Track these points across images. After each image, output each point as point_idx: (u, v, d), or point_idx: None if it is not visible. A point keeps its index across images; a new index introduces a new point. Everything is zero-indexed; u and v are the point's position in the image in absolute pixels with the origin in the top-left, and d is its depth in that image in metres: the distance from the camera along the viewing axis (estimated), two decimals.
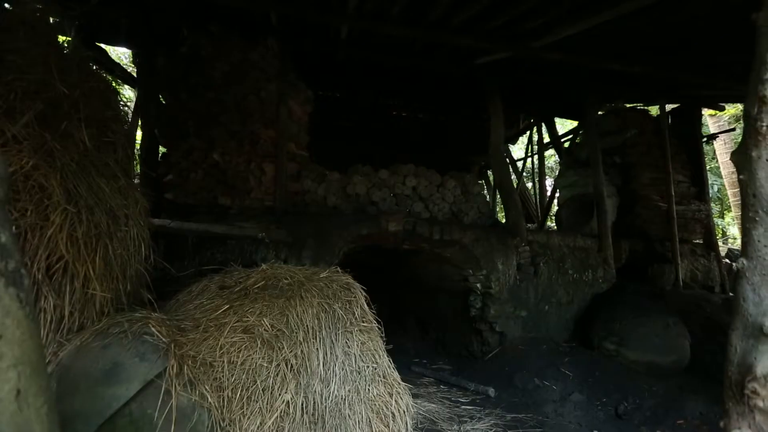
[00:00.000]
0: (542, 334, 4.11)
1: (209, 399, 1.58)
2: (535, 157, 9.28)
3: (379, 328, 2.45)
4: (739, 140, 1.21)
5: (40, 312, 1.56)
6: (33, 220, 1.56)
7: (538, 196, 9.19)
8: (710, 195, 10.38)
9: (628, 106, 6.15)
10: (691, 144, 5.58)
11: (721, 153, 8.27)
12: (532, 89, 5.48)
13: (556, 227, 6.72)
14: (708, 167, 10.33)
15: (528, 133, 9.02)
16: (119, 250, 1.92)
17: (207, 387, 1.60)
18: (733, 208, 8.36)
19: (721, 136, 8.16)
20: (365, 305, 2.40)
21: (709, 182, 10.16)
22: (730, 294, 6.18)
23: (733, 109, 7.32)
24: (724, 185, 9.32)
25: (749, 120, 1.17)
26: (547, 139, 8.31)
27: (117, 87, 7.68)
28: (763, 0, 1.14)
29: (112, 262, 1.87)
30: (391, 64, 4.58)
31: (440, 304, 5.32)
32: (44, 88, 1.78)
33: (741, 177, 1.21)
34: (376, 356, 2.25)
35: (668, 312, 3.69)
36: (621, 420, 2.98)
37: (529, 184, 10.46)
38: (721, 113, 7.62)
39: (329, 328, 2.07)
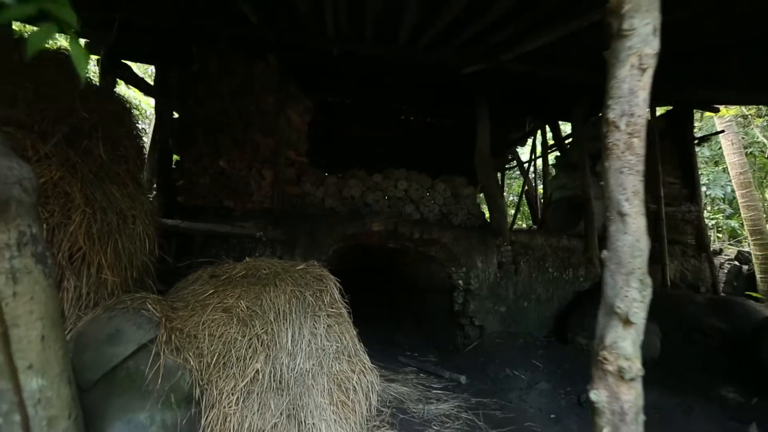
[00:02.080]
0: (521, 329, 4.33)
1: (191, 362, 1.96)
2: (541, 159, 9.39)
3: (349, 315, 2.78)
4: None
5: (64, 291, 1.99)
6: (59, 219, 2.00)
7: (542, 198, 9.30)
8: (724, 195, 10.19)
9: None
10: (683, 146, 5.64)
11: (729, 154, 8.12)
12: (533, 94, 5.63)
13: (544, 228, 6.84)
14: (721, 167, 10.13)
15: (533, 135, 9.12)
16: (127, 244, 2.36)
17: (190, 353, 1.99)
18: (741, 210, 8.19)
19: (729, 137, 8.04)
20: (336, 294, 2.74)
21: (722, 183, 9.98)
22: (724, 294, 6.16)
23: (733, 110, 7.23)
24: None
25: (602, 137, 1.45)
26: (552, 141, 8.40)
27: (143, 99, 8.36)
28: (610, 40, 1.42)
29: (121, 253, 2.30)
30: (389, 74, 4.88)
31: (431, 302, 5.60)
32: (69, 114, 2.23)
33: (601, 183, 1.48)
34: (342, 338, 2.58)
35: None
36: (581, 407, 3.19)
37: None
38: (729, 113, 7.54)
39: (299, 312, 2.42)
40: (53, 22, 0.66)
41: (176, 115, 5.03)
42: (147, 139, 5.78)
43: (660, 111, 6.13)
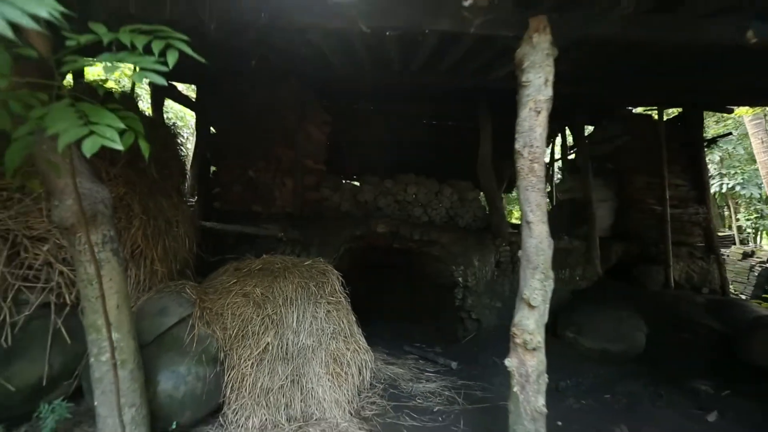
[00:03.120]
0: None
1: (217, 333, 2.58)
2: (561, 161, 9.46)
3: (347, 302, 3.30)
4: None
5: (128, 278, 2.67)
6: (123, 225, 2.68)
7: None
8: (759, 196, 9.69)
9: (638, 111, 6.30)
10: (692, 148, 5.65)
11: (759, 152, 7.80)
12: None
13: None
14: (755, 167, 9.62)
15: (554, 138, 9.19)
16: (172, 243, 3.03)
17: (217, 327, 2.61)
18: None
19: (760, 136, 7.75)
20: (337, 286, 3.28)
21: (757, 183, 9.50)
22: (733, 294, 6.05)
23: (754, 109, 6.99)
24: None
25: (514, 163, 1.86)
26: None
27: (187, 112, 9.33)
28: (518, 88, 1.83)
29: (168, 250, 2.98)
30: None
31: (440, 297, 6.01)
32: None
33: (518, 197, 1.88)
34: (341, 322, 3.12)
35: (625, 308, 4.06)
36: (558, 393, 3.51)
37: None
38: (751, 112, 7.30)
39: (303, 298, 2.99)
40: (131, 131, 1.24)
41: (213, 131, 5.80)
42: (191, 146, 6.65)
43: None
